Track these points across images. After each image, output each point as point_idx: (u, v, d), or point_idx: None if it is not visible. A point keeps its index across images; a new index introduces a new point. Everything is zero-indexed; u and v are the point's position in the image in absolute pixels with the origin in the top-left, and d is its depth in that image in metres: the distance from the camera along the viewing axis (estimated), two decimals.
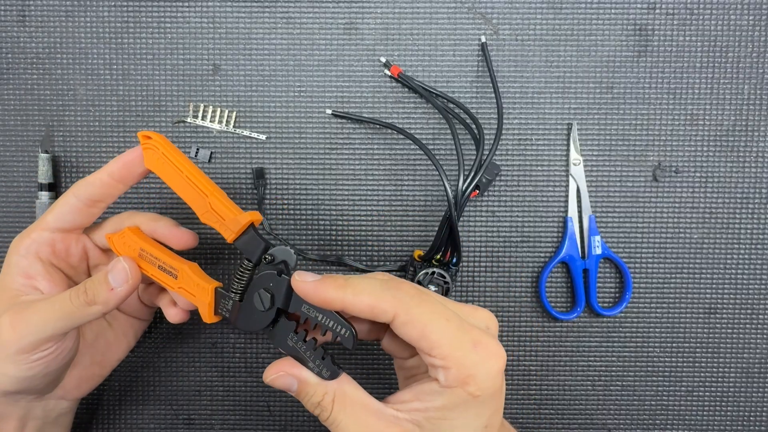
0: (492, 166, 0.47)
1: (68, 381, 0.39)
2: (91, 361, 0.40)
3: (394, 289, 0.30)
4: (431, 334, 0.29)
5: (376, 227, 0.48)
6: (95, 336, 0.41)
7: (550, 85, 0.47)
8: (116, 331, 0.41)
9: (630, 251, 0.48)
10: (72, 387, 0.39)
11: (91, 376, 0.40)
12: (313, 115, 0.47)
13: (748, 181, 0.47)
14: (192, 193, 0.36)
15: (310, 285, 0.30)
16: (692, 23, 0.47)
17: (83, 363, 0.40)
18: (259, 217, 0.36)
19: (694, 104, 0.47)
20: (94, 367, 0.40)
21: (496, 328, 0.32)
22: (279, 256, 0.35)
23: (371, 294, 0.29)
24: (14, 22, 0.47)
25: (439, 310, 0.30)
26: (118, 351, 0.42)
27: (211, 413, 0.48)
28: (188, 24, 0.47)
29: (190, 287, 0.36)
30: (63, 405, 0.40)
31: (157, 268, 0.37)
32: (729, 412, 0.48)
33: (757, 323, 0.48)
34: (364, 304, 0.29)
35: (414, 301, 0.29)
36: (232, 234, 0.35)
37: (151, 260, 0.37)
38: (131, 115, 0.47)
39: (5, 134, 0.47)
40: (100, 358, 0.41)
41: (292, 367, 0.32)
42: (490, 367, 0.29)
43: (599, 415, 0.49)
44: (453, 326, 0.29)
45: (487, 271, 0.48)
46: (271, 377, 0.32)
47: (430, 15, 0.47)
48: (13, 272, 0.36)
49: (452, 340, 0.29)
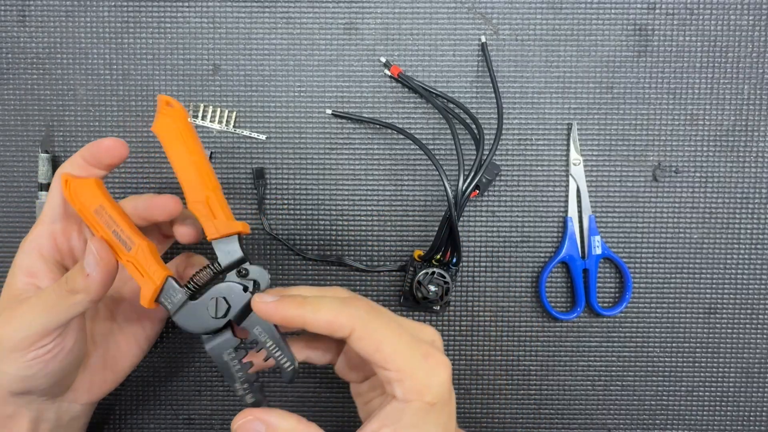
0: (492, 166, 0.47)
1: (79, 384, 0.39)
2: (102, 365, 0.40)
3: (352, 305, 0.31)
4: (385, 347, 0.30)
5: (376, 227, 0.48)
6: (104, 339, 0.40)
7: (550, 85, 0.47)
8: (126, 335, 0.41)
9: (630, 251, 0.48)
10: (83, 390, 0.39)
11: (102, 380, 0.40)
12: (313, 115, 0.47)
13: (748, 181, 0.47)
14: (193, 179, 0.34)
15: (271, 305, 0.31)
16: (692, 23, 0.47)
17: (94, 367, 0.39)
18: (248, 230, 0.35)
19: (694, 104, 0.47)
20: (106, 372, 0.40)
21: (440, 342, 0.34)
22: (253, 275, 0.34)
23: (330, 310, 0.31)
24: (14, 22, 0.47)
25: (392, 325, 0.31)
26: (129, 356, 0.41)
27: (211, 413, 0.48)
28: (188, 24, 0.47)
29: (142, 265, 0.34)
30: (75, 408, 0.39)
31: (112, 233, 0.34)
32: (729, 412, 0.48)
33: (757, 323, 0.48)
34: (323, 320, 0.30)
35: (369, 316, 0.31)
36: (216, 234, 0.34)
37: (108, 221, 0.34)
38: (131, 115, 0.47)
39: (5, 134, 0.47)
40: (112, 362, 0.40)
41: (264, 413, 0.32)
42: (440, 376, 0.31)
43: (599, 415, 0.49)
44: (405, 340, 0.31)
45: (487, 271, 0.48)
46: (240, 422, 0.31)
47: (430, 15, 0.47)
48: (17, 272, 0.36)
49: (405, 353, 0.30)
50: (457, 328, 0.48)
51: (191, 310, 0.34)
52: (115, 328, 0.41)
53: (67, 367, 0.36)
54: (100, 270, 0.33)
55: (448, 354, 0.48)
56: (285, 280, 0.48)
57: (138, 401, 0.48)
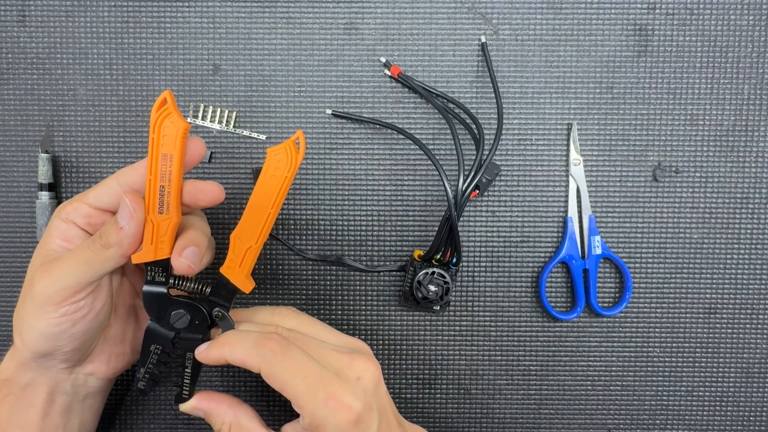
0: (492, 166, 0.47)
1: (97, 355, 0.39)
2: (122, 338, 0.40)
3: (261, 346, 0.34)
4: (288, 389, 0.34)
5: (376, 227, 0.48)
6: (127, 310, 0.41)
7: (550, 85, 0.47)
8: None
9: (630, 251, 0.48)
10: (101, 362, 0.39)
11: (121, 353, 0.40)
12: (313, 115, 0.47)
13: (748, 181, 0.47)
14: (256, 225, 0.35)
15: (202, 353, 0.36)
16: (692, 23, 0.47)
17: (114, 338, 0.40)
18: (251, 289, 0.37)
19: (694, 104, 0.47)
20: (125, 345, 0.41)
21: (371, 377, 0.36)
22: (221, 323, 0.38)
23: (242, 351, 0.35)
24: (14, 22, 0.47)
25: (300, 365, 0.34)
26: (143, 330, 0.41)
27: None
28: (188, 24, 0.47)
29: (158, 234, 0.35)
30: (92, 383, 0.40)
31: (159, 187, 0.35)
32: (729, 412, 0.48)
33: (757, 323, 0.48)
34: (237, 359, 0.35)
35: (276, 359, 0.34)
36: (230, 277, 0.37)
37: (164, 174, 0.34)
38: (131, 115, 0.47)
39: (5, 134, 0.47)
40: (131, 336, 0.41)
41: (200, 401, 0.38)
42: (338, 420, 0.33)
43: (599, 415, 0.49)
44: (309, 383, 0.33)
45: (487, 271, 0.48)
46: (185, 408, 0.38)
47: (430, 15, 0.47)
48: (53, 234, 0.37)
49: (307, 394, 0.33)
50: (457, 328, 0.48)
51: (161, 299, 0.37)
52: (137, 301, 0.42)
53: (91, 331, 0.37)
54: (134, 223, 0.34)
55: (448, 353, 0.48)
56: (285, 280, 0.48)
57: (138, 401, 0.48)
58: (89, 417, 0.41)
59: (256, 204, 0.35)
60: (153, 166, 0.34)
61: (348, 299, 0.48)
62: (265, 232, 0.36)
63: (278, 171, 0.35)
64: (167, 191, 0.35)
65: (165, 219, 0.35)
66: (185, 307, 0.37)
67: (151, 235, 0.35)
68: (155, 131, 0.34)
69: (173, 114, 0.34)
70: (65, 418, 0.39)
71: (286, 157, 0.34)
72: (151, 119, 0.34)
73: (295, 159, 0.34)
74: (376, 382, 0.36)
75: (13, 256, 0.47)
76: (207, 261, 0.38)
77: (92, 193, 0.37)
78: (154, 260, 0.35)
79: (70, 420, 0.39)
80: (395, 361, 0.48)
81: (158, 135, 0.34)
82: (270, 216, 0.35)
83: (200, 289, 0.38)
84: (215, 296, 0.37)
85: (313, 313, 0.48)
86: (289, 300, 0.48)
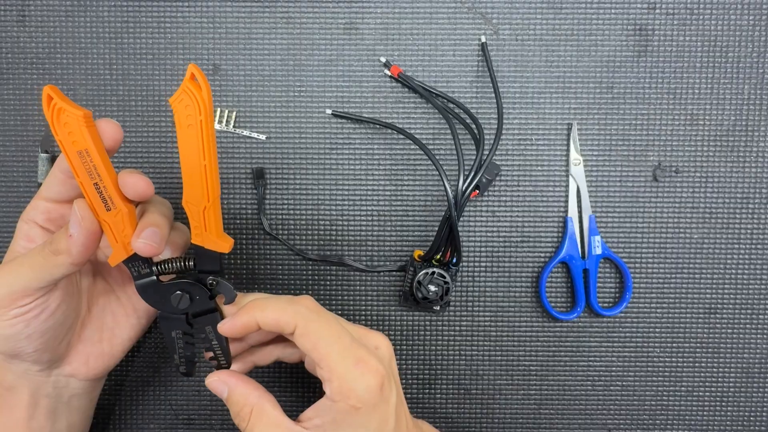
0: (492, 166, 0.47)
1: (74, 356, 0.39)
2: (99, 337, 0.40)
3: (297, 304, 0.34)
4: (321, 347, 0.33)
5: (376, 227, 0.48)
6: (102, 309, 0.40)
7: (550, 85, 0.47)
8: (125, 307, 0.41)
9: (630, 251, 0.48)
10: (80, 363, 0.39)
11: (99, 353, 0.40)
12: (313, 115, 0.47)
13: (748, 181, 0.47)
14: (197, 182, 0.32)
15: (229, 324, 0.35)
16: (692, 23, 0.47)
17: (91, 338, 0.39)
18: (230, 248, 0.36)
19: (694, 104, 0.47)
20: (103, 344, 0.40)
21: (386, 349, 0.37)
22: (220, 288, 0.36)
23: (275, 309, 0.34)
24: (14, 22, 0.47)
25: (333, 327, 0.34)
26: (127, 329, 0.41)
27: (211, 413, 0.48)
28: (188, 24, 0.47)
29: (117, 229, 0.33)
30: (74, 384, 0.39)
31: (93, 185, 0.32)
32: (729, 412, 0.48)
33: (757, 323, 0.48)
34: (270, 318, 0.34)
35: (312, 315, 0.34)
36: (200, 242, 0.35)
37: (90, 170, 0.32)
38: (131, 115, 0.47)
39: (5, 134, 0.47)
40: (109, 335, 0.40)
41: (229, 376, 0.37)
42: (368, 382, 0.33)
43: (599, 415, 0.49)
44: (341, 343, 0.33)
45: (487, 271, 0.48)
46: (210, 380, 0.37)
47: (430, 15, 0.47)
48: (17, 236, 0.37)
49: (338, 355, 0.33)
50: (457, 328, 0.48)
51: (156, 288, 0.36)
52: (113, 300, 0.41)
53: (51, 331, 0.36)
54: (82, 231, 0.33)
55: (448, 353, 0.48)
56: (285, 280, 0.48)
57: (138, 401, 0.48)
58: (77, 419, 0.41)
59: (188, 162, 0.32)
60: (74, 168, 0.32)
61: (348, 299, 0.48)
62: (211, 186, 0.32)
63: (191, 118, 0.31)
64: (102, 186, 0.32)
65: (116, 214, 0.33)
66: (179, 287, 0.36)
67: (112, 235, 0.34)
68: (56, 132, 0.31)
69: (66, 108, 0.30)
70: (51, 420, 0.39)
71: (191, 100, 0.30)
72: (48, 120, 0.31)
73: (200, 96, 0.30)
74: (390, 355, 0.37)
75: None
76: (180, 241, 0.37)
77: (43, 187, 0.36)
78: (129, 255, 0.34)
79: (56, 422, 0.39)
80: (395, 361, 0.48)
81: (62, 134, 0.31)
82: (207, 168, 0.32)
83: (185, 266, 0.36)
84: (202, 267, 0.36)
85: None
86: None
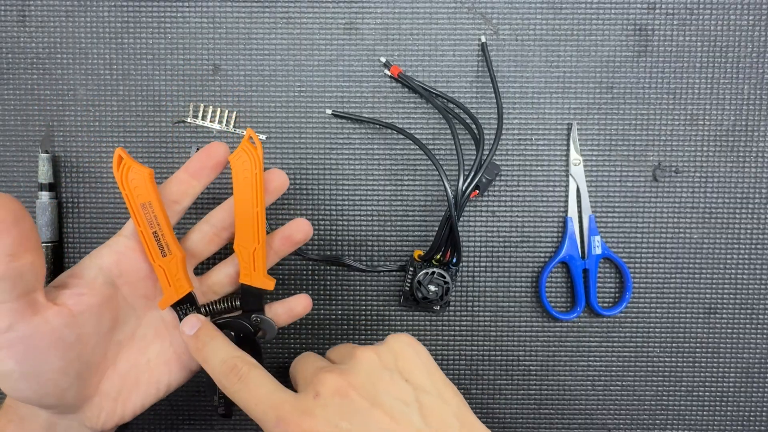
0: (492, 166, 0.47)
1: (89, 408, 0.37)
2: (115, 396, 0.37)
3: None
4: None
5: (376, 227, 0.48)
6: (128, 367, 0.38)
7: (550, 85, 0.47)
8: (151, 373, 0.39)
9: (630, 251, 0.48)
10: (91, 415, 0.37)
11: (112, 411, 0.37)
12: (313, 115, 0.47)
13: (748, 181, 0.47)
14: (249, 228, 0.37)
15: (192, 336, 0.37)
16: (692, 23, 0.47)
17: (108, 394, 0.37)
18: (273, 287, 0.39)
19: (694, 104, 0.47)
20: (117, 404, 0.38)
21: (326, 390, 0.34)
22: (263, 325, 0.40)
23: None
24: (14, 22, 0.47)
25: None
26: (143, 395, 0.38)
27: (211, 413, 0.48)
28: (188, 24, 0.47)
29: (171, 274, 0.37)
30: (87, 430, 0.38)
31: (152, 233, 0.36)
32: (729, 412, 0.48)
33: (757, 323, 0.48)
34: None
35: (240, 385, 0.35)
36: (249, 283, 0.38)
37: (151, 220, 0.36)
38: (131, 115, 0.47)
39: (5, 134, 0.47)
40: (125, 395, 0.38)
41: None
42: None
43: (599, 415, 0.49)
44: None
45: (487, 271, 0.48)
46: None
47: (430, 15, 0.47)
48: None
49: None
50: (457, 328, 0.48)
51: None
52: (141, 362, 0.39)
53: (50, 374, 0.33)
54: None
55: (448, 353, 0.48)
56: (285, 280, 0.48)
57: None
58: None
59: (242, 209, 0.37)
60: (137, 218, 0.36)
61: (348, 299, 0.48)
62: (260, 230, 0.37)
63: (247, 172, 0.37)
64: (161, 234, 0.36)
65: (170, 260, 0.37)
66: (225, 327, 0.39)
67: (165, 279, 0.37)
68: (124, 187, 0.36)
69: (134, 166, 0.36)
70: None
71: (248, 157, 0.36)
72: (117, 178, 0.36)
73: (256, 155, 0.36)
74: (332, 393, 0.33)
75: None
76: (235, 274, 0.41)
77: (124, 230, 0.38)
78: (179, 299, 0.37)
79: None
80: None
81: (128, 189, 0.36)
82: (258, 214, 0.37)
83: (231, 306, 0.39)
84: (246, 305, 0.39)
85: (313, 313, 0.48)
86: None
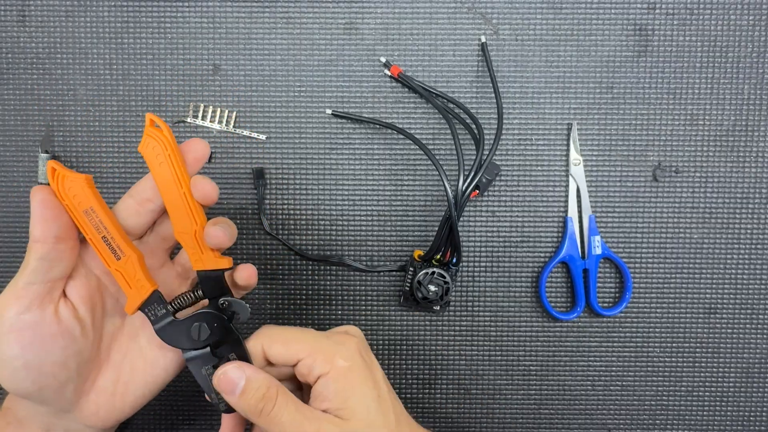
0: (492, 166, 0.47)
1: (86, 405, 0.37)
2: (113, 390, 0.37)
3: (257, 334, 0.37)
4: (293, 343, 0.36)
5: (376, 227, 0.48)
6: (122, 357, 0.38)
7: (550, 85, 0.47)
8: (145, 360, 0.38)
9: (630, 251, 0.48)
10: (90, 413, 0.37)
11: (110, 407, 0.37)
12: (313, 115, 0.47)
13: (748, 181, 0.47)
14: (181, 211, 0.35)
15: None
16: (692, 23, 0.47)
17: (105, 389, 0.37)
18: (231, 265, 0.37)
19: (694, 104, 0.47)
20: (115, 399, 0.37)
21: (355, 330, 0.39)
22: (234, 307, 0.37)
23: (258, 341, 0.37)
24: (14, 22, 0.47)
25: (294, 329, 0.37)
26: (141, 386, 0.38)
27: (211, 413, 0.48)
28: (188, 24, 0.47)
29: (129, 276, 0.35)
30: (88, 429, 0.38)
31: (101, 238, 0.34)
32: (729, 412, 0.48)
33: (757, 323, 0.48)
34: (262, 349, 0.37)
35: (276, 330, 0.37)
36: (203, 267, 0.36)
37: (98, 225, 0.34)
38: (131, 115, 0.47)
39: (5, 134, 0.47)
40: (122, 389, 0.38)
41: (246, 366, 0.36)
42: (345, 344, 0.36)
43: (599, 415, 0.49)
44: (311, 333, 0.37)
45: (487, 271, 0.48)
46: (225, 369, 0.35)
47: (430, 15, 0.47)
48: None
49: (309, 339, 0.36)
50: (457, 328, 0.48)
51: (174, 327, 0.37)
52: (134, 349, 0.38)
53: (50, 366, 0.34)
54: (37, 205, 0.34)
55: (448, 353, 0.48)
56: (285, 280, 0.48)
57: None
58: None
59: (169, 196, 0.35)
60: (83, 227, 0.34)
61: (348, 299, 0.48)
62: (195, 211, 0.35)
63: (160, 156, 0.34)
64: (110, 238, 0.35)
65: (126, 261, 0.35)
66: (196, 319, 0.37)
67: (125, 282, 0.35)
68: (63, 197, 0.34)
69: (68, 175, 0.34)
70: None
71: (156, 142, 0.34)
72: (54, 190, 0.34)
73: (163, 136, 0.34)
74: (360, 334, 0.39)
75: (13, 256, 0.47)
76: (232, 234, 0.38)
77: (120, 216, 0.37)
78: (144, 300, 0.36)
79: None
80: (395, 361, 0.48)
81: (68, 198, 0.34)
82: (185, 195, 0.35)
83: (196, 297, 0.37)
84: (209, 292, 0.37)
85: (313, 313, 0.48)
86: (289, 300, 0.48)
